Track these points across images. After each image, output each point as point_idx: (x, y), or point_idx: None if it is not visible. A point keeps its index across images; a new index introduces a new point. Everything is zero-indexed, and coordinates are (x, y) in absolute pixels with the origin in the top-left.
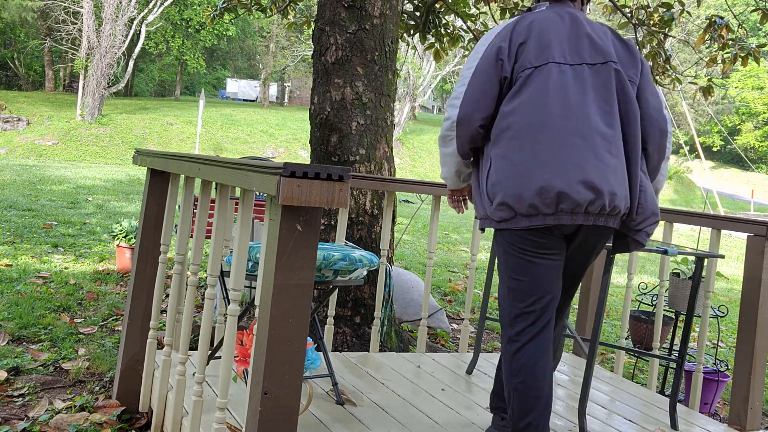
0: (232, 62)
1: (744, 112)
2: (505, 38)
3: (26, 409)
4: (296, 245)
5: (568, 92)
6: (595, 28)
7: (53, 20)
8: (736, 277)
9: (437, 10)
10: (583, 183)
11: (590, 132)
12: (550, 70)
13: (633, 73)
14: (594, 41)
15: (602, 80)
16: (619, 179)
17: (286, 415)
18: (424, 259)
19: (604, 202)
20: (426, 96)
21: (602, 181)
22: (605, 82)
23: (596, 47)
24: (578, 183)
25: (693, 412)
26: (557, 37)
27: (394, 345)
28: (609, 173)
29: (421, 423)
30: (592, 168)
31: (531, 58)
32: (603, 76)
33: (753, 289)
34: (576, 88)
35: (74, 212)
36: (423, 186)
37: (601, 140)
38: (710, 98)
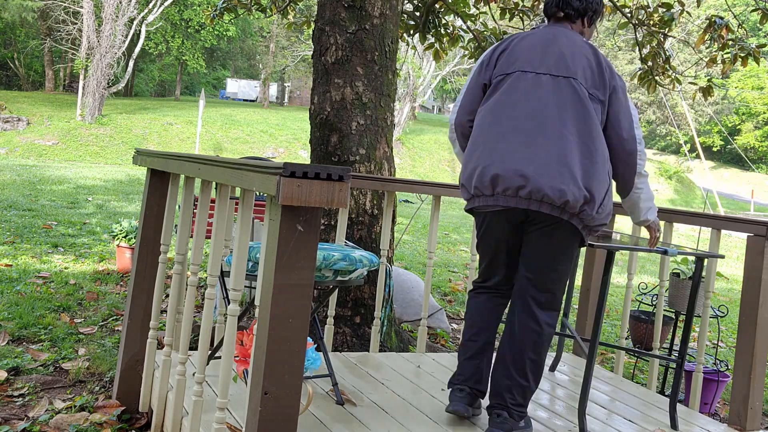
0: (232, 62)
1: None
2: (492, 50)
3: (26, 409)
4: (296, 245)
5: (526, 95)
6: (574, 47)
7: (53, 20)
8: (736, 277)
9: (437, 10)
10: (515, 170)
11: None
12: (517, 77)
13: (597, 93)
14: (563, 58)
15: (561, 90)
16: (553, 172)
17: (286, 415)
18: (424, 259)
19: (531, 188)
20: (426, 96)
21: (533, 171)
22: (563, 92)
23: (563, 63)
24: (511, 170)
25: (693, 412)
26: (531, 50)
27: (394, 345)
28: (543, 165)
29: (421, 423)
30: (525, 159)
31: (504, 67)
32: (562, 87)
33: (753, 289)
34: (534, 92)
35: (74, 212)
36: (423, 186)
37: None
38: (710, 98)
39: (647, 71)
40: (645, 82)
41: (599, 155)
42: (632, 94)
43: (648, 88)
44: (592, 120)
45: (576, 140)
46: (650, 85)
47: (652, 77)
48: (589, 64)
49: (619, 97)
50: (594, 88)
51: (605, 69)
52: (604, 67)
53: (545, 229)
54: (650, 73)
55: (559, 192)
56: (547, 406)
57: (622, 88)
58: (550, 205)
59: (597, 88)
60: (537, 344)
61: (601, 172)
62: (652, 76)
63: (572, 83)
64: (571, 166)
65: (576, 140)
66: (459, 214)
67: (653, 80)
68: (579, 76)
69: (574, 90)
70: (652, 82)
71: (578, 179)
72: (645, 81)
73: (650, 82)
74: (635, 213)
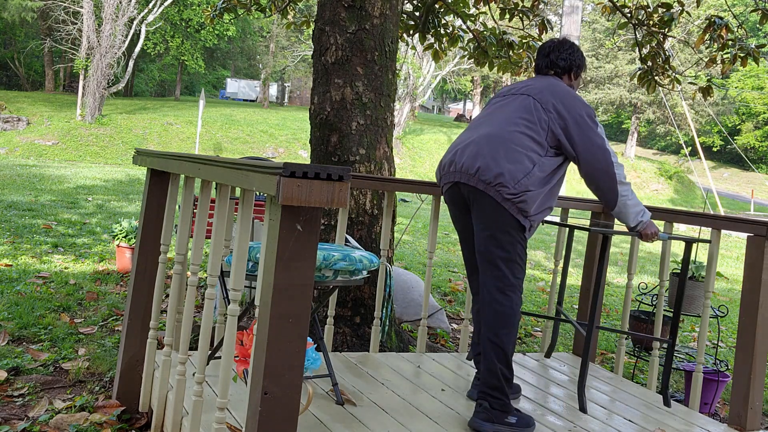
0: (232, 62)
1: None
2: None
3: (26, 409)
4: (296, 245)
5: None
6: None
7: (53, 20)
8: (736, 277)
9: (437, 10)
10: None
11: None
12: (492, 102)
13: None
14: (527, 85)
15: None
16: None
17: (286, 415)
18: (424, 259)
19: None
20: (426, 96)
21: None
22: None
23: (525, 86)
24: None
25: (693, 412)
26: (511, 86)
27: (394, 345)
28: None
29: (421, 423)
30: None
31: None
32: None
33: (753, 289)
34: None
35: (74, 212)
36: (423, 186)
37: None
38: (710, 99)
39: (647, 71)
40: (645, 82)
41: (524, 147)
42: (632, 94)
43: (648, 88)
44: (523, 121)
45: (504, 130)
46: (650, 85)
47: (651, 77)
48: (550, 92)
49: (579, 126)
50: (544, 106)
51: (560, 101)
52: (559, 99)
53: (474, 207)
54: (650, 73)
55: (472, 161)
56: (547, 405)
57: (579, 117)
58: (467, 174)
59: (549, 107)
60: (491, 325)
61: (519, 157)
62: (652, 76)
63: (524, 97)
64: (488, 145)
65: (504, 130)
66: None
67: (653, 80)
68: (537, 95)
69: (526, 102)
70: (651, 82)
71: (493, 154)
72: (645, 81)
73: (650, 82)
74: (628, 218)
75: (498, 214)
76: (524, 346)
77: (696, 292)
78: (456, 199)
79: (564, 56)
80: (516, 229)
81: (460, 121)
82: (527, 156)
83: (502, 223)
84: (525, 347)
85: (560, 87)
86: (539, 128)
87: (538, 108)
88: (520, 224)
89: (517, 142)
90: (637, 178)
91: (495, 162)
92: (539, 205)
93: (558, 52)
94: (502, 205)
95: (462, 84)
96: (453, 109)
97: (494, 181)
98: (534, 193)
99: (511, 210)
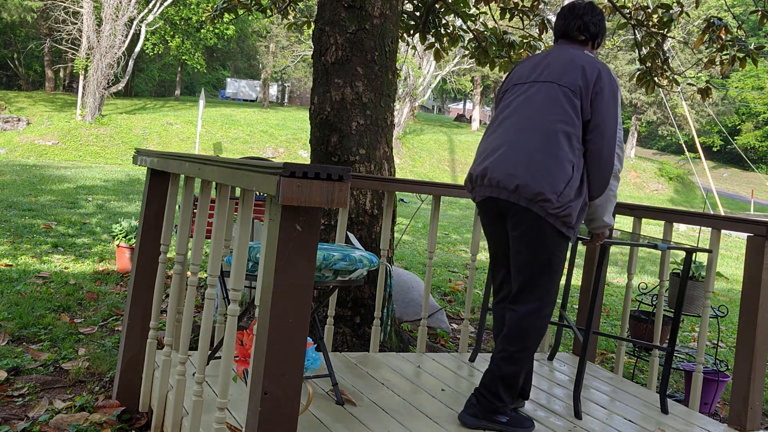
0: (232, 62)
1: (744, 112)
2: (505, 77)
3: (26, 409)
4: (296, 245)
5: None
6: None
7: (53, 20)
8: (736, 277)
9: (437, 10)
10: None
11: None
12: (510, 90)
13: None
14: (549, 67)
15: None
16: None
17: (286, 415)
18: (424, 259)
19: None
20: (426, 96)
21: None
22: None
23: (549, 70)
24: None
25: (693, 412)
26: (529, 67)
27: (394, 345)
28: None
29: (421, 423)
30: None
31: (505, 84)
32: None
33: (753, 289)
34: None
35: (74, 212)
36: (423, 186)
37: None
38: (708, 99)
39: (646, 72)
40: (644, 82)
41: (560, 150)
42: (632, 94)
43: (647, 89)
44: (559, 119)
45: (538, 136)
46: (649, 85)
47: (650, 78)
48: (573, 68)
49: (603, 100)
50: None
51: (592, 73)
52: (590, 71)
53: (513, 220)
54: (649, 74)
55: (509, 177)
56: (547, 406)
57: (609, 92)
58: (506, 191)
59: (576, 90)
60: (521, 339)
61: (559, 164)
62: (651, 76)
63: (549, 86)
64: (526, 157)
65: (538, 136)
66: (459, 214)
67: (652, 81)
68: (560, 79)
69: (552, 92)
70: (651, 83)
71: (531, 167)
72: (644, 82)
73: (649, 83)
74: (603, 214)
75: (541, 230)
76: None
77: (696, 292)
78: (491, 212)
79: (596, 21)
80: (559, 242)
81: (460, 121)
82: (568, 160)
83: (546, 238)
84: None
85: (586, 60)
86: (575, 119)
87: (568, 95)
88: (564, 236)
89: (555, 144)
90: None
91: (534, 177)
92: (580, 210)
93: (591, 16)
94: (546, 220)
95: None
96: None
97: (536, 198)
98: (576, 202)
99: (556, 224)
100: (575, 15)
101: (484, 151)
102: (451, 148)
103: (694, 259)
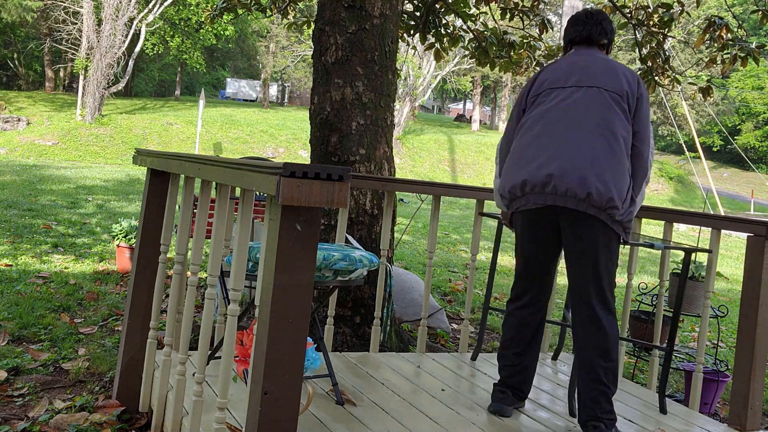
0: (232, 62)
1: (744, 112)
2: (529, 81)
3: (26, 409)
4: (296, 245)
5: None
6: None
7: (53, 20)
8: (736, 277)
9: (437, 10)
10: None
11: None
12: (547, 93)
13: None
14: (588, 71)
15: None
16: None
17: (286, 415)
18: (424, 259)
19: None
20: (426, 96)
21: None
22: (584, 98)
23: (589, 74)
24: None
25: (693, 412)
26: (563, 71)
27: (394, 345)
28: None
29: (421, 423)
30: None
31: (540, 88)
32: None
33: (753, 289)
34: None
35: (74, 212)
36: (423, 186)
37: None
38: (709, 99)
39: (647, 71)
40: (644, 82)
41: (622, 155)
42: None
43: (647, 89)
44: (615, 123)
45: (599, 141)
46: (649, 85)
47: (651, 77)
48: (615, 74)
49: (644, 105)
50: (620, 94)
51: (633, 79)
52: (631, 77)
53: (576, 229)
54: (650, 74)
55: (582, 185)
56: (548, 406)
57: (646, 98)
58: (575, 199)
59: (623, 95)
60: (604, 349)
61: (622, 171)
62: (652, 76)
63: (595, 91)
64: (594, 164)
65: (599, 141)
66: (459, 214)
67: (653, 80)
68: (606, 84)
69: (601, 97)
70: (651, 83)
71: (601, 176)
72: (644, 81)
73: (650, 83)
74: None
75: (607, 237)
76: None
77: (696, 292)
78: (544, 220)
79: (611, 27)
80: (617, 247)
81: (460, 121)
82: (626, 166)
83: (609, 243)
84: None
85: (622, 66)
86: (627, 124)
87: (617, 101)
88: (621, 240)
89: (618, 149)
90: None
91: (605, 184)
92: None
93: (607, 22)
94: (611, 228)
95: (462, 84)
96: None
97: (606, 204)
98: (633, 206)
99: (618, 230)
100: (595, 21)
101: (534, 156)
102: (451, 148)
103: (694, 259)
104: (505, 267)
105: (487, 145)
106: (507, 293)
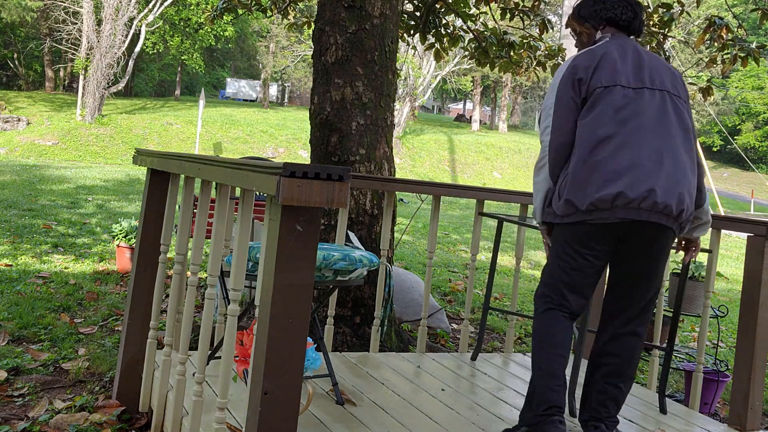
0: (232, 62)
1: (744, 112)
2: (577, 67)
3: (26, 409)
4: (296, 245)
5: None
6: (652, 60)
7: (53, 20)
8: (736, 277)
9: (437, 10)
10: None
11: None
12: (617, 91)
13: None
14: (652, 71)
15: (658, 102)
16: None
17: (286, 415)
18: (424, 259)
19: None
20: (426, 96)
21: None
22: (661, 104)
23: (655, 75)
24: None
25: (693, 412)
26: (623, 65)
27: (394, 345)
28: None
29: (421, 423)
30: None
31: (602, 80)
32: (658, 99)
33: (753, 289)
34: (636, 107)
35: (74, 212)
36: (423, 186)
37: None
38: (709, 99)
39: None
40: None
41: (695, 167)
42: None
43: None
44: (692, 134)
45: (687, 155)
46: None
47: None
48: (667, 74)
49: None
50: (681, 93)
51: (677, 75)
52: (676, 73)
53: (656, 243)
54: None
55: (679, 202)
56: None
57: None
58: (668, 216)
59: (682, 93)
60: (636, 360)
61: (698, 183)
62: None
63: (666, 94)
64: (686, 179)
65: (687, 155)
66: (459, 214)
67: None
68: (670, 87)
69: (671, 101)
70: None
71: (690, 191)
72: None
73: None
74: (705, 226)
75: (670, 248)
76: (524, 346)
77: (696, 292)
78: (609, 235)
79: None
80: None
81: (460, 121)
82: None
83: (668, 252)
84: (525, 347)
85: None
86: (692, 132)
87: (684, 107)
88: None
89: (696, 162)
90: None
91: (692, 200)
92: None
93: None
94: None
95: (462, 84)
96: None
97: (686, 219)
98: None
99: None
100: (640, 11)
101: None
102: (451, 148)
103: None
104: (505, 267)
105: (487, 145)
106: (507, 293)
